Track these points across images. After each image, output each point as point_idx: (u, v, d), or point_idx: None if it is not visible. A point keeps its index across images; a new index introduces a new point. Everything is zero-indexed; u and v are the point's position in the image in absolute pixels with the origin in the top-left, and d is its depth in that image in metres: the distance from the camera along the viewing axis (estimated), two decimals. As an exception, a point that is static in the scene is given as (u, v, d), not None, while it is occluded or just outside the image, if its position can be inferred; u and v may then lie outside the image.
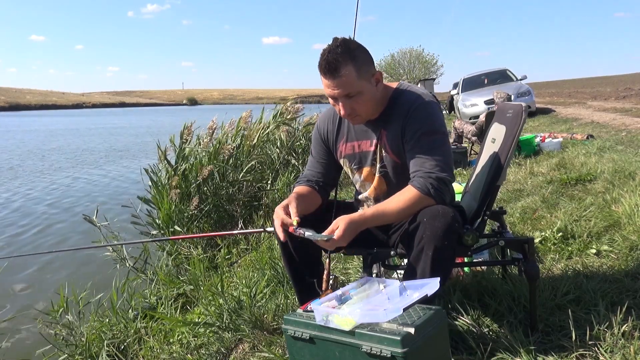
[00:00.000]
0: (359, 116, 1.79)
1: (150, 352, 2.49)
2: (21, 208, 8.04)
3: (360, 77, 1.71)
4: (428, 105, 1.80)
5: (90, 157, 14.95)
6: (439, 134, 1.78)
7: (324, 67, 1.69)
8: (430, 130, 1.76)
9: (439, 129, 1.79)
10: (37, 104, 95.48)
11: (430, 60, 43.96)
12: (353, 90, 1.71)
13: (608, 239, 2.84)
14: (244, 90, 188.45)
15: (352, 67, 1.68)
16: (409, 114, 1.78)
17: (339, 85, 1.70)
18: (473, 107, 12.81)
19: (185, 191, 4.58)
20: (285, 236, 1.71)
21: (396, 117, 1.82)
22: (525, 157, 6.31)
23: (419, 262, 1.66)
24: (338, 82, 1.69)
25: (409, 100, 1.82)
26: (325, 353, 1.49)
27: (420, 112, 1.78)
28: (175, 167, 4.73)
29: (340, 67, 1.67)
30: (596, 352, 1.68)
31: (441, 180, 1.71)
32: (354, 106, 1.75)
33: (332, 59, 1.67)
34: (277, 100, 6.15)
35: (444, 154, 1.75)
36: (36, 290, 4.48)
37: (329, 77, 1.70)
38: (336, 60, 1.67)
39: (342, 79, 1.69)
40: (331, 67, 1.67)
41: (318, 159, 2.02)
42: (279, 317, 2.30)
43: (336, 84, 1.70)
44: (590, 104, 17.30)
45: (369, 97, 1.76)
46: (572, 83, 58.91)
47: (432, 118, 1.78)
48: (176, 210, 4.41)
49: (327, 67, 1.68)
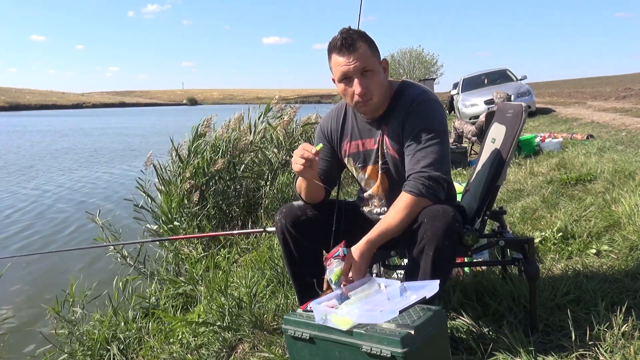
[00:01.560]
0: (371, 100, 1.79)
1: (150, 352, 2.49)
2: (52, 204, 8.18)
3: (373, 56, 1.76)
4: (430, 102, 1.80)
5: (108, 155, 15.16)
6: (438, 132, 1.78)
7: (339, 45, 1.73)
8: (428, 128, 1.77)
9: (439, 127, 1.79)
10: (37, 104, 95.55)
11: (430, 60, 43.94)
12: (368, 65, 1.74)
13: (608, 239, 2.84)
14: (244, 90, 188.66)
15: (366, 45, 1.74)
16: (410, 109, 1.79)
17: (356, 59, 1.72)
18: (473, 107, 12.81)
19: (197, 184, 4.60)
20: (301, 166, 1.68)
21: (398, 112, 1.83)
22: (525, 157, 6.31)
23: (420, 262, 1.66)
24: (355, 56, 1.72)
25: (411, 95, 1.82)
26: (325, 353, 1.49)
27: (421, 109, 1.78)
28: (187, 160, 4.75)
29: (356, 42, 1.72)
30: (596, 352, 1.68)
31: (433, 178, 1.71)
32: (369, 85, 1.75)
33: (348, 36, 1.72)
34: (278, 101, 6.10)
35: (440, 152, 1.76)
36: (37, 289, 4.49)
37: (345, 52, 1.73)
38: (352, 38, 1.72)
39: (359, 52, 1.72)
40: (347, 42, 1.72)
41: (321, 157, 2.02)
42: (279, 317, 2.30)
43: (353, 58, 1.72)
44: (590, 104, 17.30)
45: (381, 80, 1.79)
46: (572, 83, 58.89)
47: (432, 115, 1.79)
48: (183, 205, 4.42)
49: (343, 42, 1.72)
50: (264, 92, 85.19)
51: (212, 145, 5.06)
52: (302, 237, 1.89)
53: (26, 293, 4.43)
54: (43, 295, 4.14)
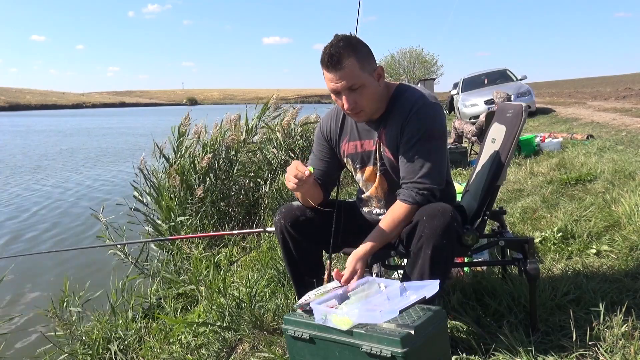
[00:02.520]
0: (363, 111, 1.78)
1: (150, 352, 2.49)
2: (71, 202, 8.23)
3: (362, 70, 1.72)
4: (430, 107, 1.78)
5: (120, 154, 15.22)
6: (437, 140, 1.77)
7: (326, 61, 1.70)
8: (428, 135, 1.75)
9: (438, 133, 1.78)
10: (37, 104, 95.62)
11: (430, 60, 43.97)
12: (356, 82, 1.71)
13: (608, 239, 2.84)
14: (244, 90, 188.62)
15: (354, 59, 1.70)
16: (410, 114, 1.77)
17: (342, 77, 1.70)
18: (473, 107, 12.81)
19: (186, 180, 4.58)
20: (293, 185, 1.70)
21: (396, 116, 1.81)
22: (525, 157, 6.31)
23: (418, 261, 1.66)
24: (341, 74, 1.69)
25: (410, 100, 1.80)
26: (325, 353, 1.49)
27: (421, 114, 1.76)
28: (174, 161, 4.74)
29: (343, 60, 1.68)
30: (596, 352, 1.68)
31: (429, 190, 1.73)
32: (357, 100, 1.74)
33: (335, 52, 1.68)
34: (279, 100, 6.06)
35: (438, 161, 1.75)
36: (38, 289, 4.49)
37: (331, 69, 1.70)
38: (339, 53, 1.68)
39: (345, 71, 1.69)
40: (334, 60, 1.68)
41: (320, 157, 2.02)
42: (279, 317, 2.30)
43: (339, 76, 1.70)
44: (590, 104, 17.29)
45: (371, 92, 1.76)
46: (572, 83, 58.89)
47: (432, 121, 1.77)
48: (179, 204, 4.41)
49: (329, 59, 1.69)
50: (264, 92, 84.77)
51: (204, 145, 5.05)
52: (302, 237, 1.89)
53: (27, 292, 4.43)
54: (44, 295, 4.14)
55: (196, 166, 4.71)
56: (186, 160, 4.73)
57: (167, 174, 4.57)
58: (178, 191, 4.47)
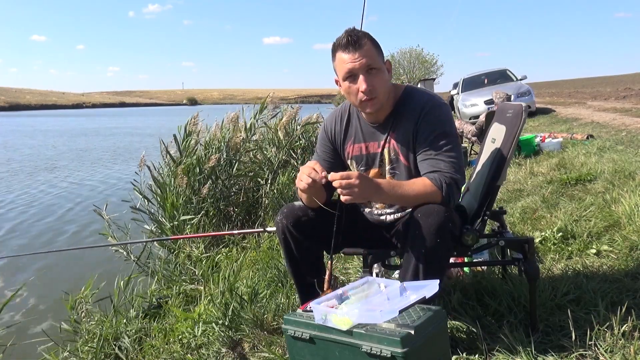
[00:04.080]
0: (377, 98, 1.78)
1: (150, 352, 2.49)
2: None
3: (378, 55, 1.78)
4: (440, 107, 1.81)
5: (134, 154, 15.25)
6: (452, 137, 1.80)
7: (345, 42, 1.74)
8: (443, 132, 1.77)
9: (452, 131, 1.81)
10: (37, 104, 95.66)
11: (430, 60, 43.95)
12: (374, 63, 1.75)
13: (608, 239, 2.84)
14: (244, 90, 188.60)
15: (371, 44, 1.76)
16: (422, 115, 1.79)
17: (362, 55, 1.73)
18: (473, 107, 12.82)
19: (193, 180, 4.60)
20: (305, 185, 1.69)
21: (407, 119, 1.82)
22: (525, 157, 6.31)
23: (412, 260, 1.66)
24: (360, 52, 1.73)
25: (420, 102, 1.82)
26: (325, 353, 1.49)
27: (434, 114, 1.79)
28: (180, 160, 4.75)
29: (362, 40, 1.74)
30: (596, 352, 1.68)
31: (455, 181, 1.73)
32: (375, 83, 1.75)
33: (354, 34, 1.74)
34: (277, 100, 6.06)
35: (457, 156, 1.78)
36: (39, 289, 4.49)
37: (351, 49, 1.73)
38: (357, 36, 1.74)
39: (365, 49, 1.73)
40: (353, 39, 1.73)
41: (323, 158, 2.02)
42: (279, 317, 2.31)
43: (359, 54, 1.73)
44: (590, 104, 17.29)
45: (385, 79, 1.80)
46: (572, 83, 58.86)
47: (445, 120, 1.80)
48: (183, 203, 4.42)
49: (349, 39, 1.73)
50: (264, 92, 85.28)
51: (206, 144, 5.06)
52: (303, 237, 1.89)
53: (28, 292, 4.43)
54: (44, 295, 4.14)
55: (202, 166, 4.73)
56: (192, 160, 4.74)
57: (174, 173, 4.58)
58: (183, 191, 4.48)
